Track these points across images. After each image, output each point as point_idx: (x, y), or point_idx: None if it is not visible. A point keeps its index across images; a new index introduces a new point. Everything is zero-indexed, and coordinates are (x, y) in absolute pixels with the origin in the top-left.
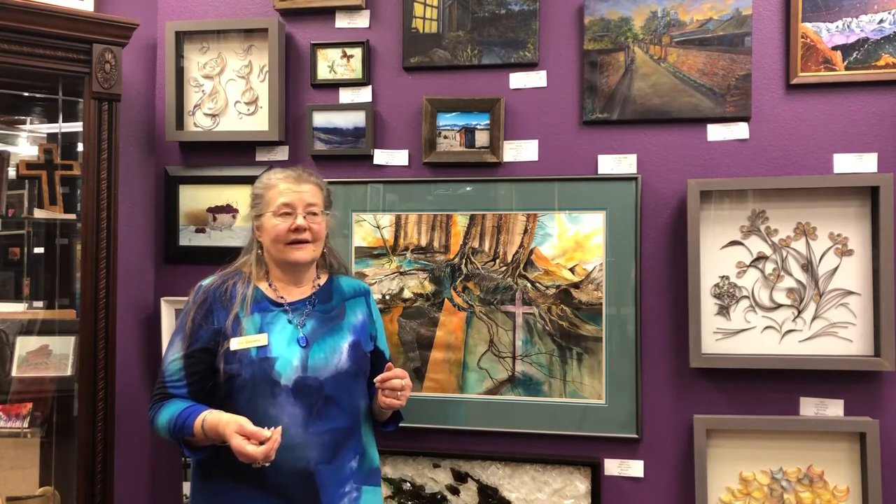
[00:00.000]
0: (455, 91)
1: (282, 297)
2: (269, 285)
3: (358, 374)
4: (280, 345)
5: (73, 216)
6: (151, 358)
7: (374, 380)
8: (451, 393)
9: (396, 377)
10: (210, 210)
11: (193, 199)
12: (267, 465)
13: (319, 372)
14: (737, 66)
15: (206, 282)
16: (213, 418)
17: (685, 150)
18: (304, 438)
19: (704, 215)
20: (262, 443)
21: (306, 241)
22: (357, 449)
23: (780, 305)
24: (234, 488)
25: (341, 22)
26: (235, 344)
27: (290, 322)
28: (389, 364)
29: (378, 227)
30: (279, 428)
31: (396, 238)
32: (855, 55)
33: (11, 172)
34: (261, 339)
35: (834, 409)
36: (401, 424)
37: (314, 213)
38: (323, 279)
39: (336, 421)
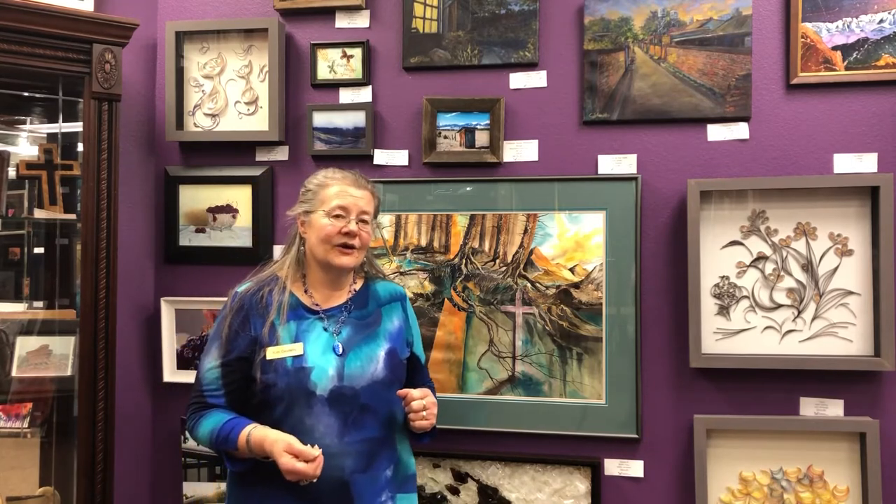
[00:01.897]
0: (455, 91)
1: (317, 305)
2: (305, 291)
3: (394, 382)
4: (315, 354)
5: (73, 216)
6: (151, 358)
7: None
8: (451, 393)
9: (414, 399)
10: (210, 210)
11: (193, 199)
12: (314, 481)
13: (355, 381)
14: (737, 66)
15: (241, 288)
16: (258, 435)
17: (685, 150)
18: (340, 448)
19: (704, 215)
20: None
21: (353, 248)
22: (392, 457)
23: (780, 305)
24: (270, 496)
25: (341, 22)
26: (271, 353)
27: (325, 330)
28: (403, 391)
29: (378, 227)
30: (320, 450)
31: (396, 238)
32: (855, 55)
33: (11, 172)
34: (296, 349)
35: (834, 409)
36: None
37: (365, 221)
38: (359, 284)
39: (371, 430)
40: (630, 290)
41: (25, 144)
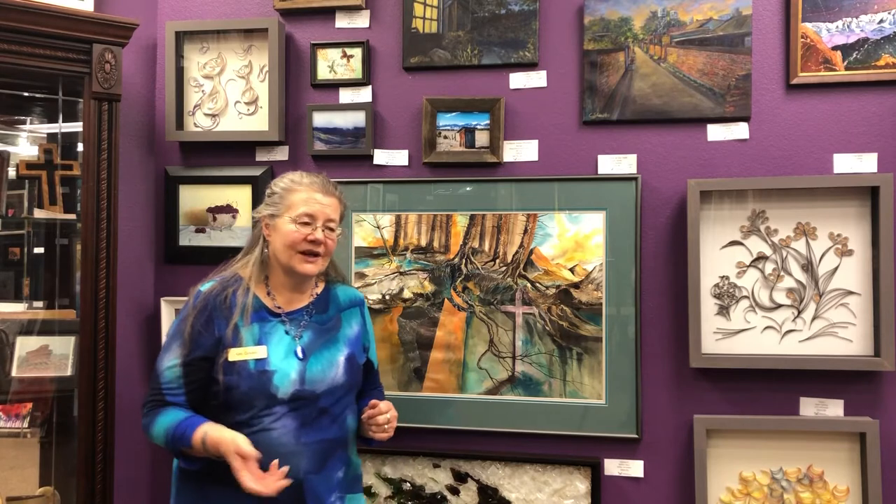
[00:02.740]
0: (455, 91)
1: (279, 307)
2: (268, 293)
3: (352, 387)
4: (278, 357)
5: (73, 216)
6: (151, 358)
7: (362, 417)
8: (451, 393)
9: (381, 413)
10: (210, 210)
11: (193, 199)
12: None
13: (316, 385)
14: (737, 66)
15: (205, 287)
16: (214, 435)
17: (685, 150)
18: (296, 448)
19: (704, 215)
20: (262, 467)
21: (317, 255)
22: (344, 459)
23: (780, 305)
24: (219, 493)
25: (341, 22)
26: (234, 355)
27: (287, 333)
28: (374, 402)
29: (378, 227)
30: (283, 469)
31: (396, 238)
32: (855, 55)
33: (11, 172)
34: (259, 352)
35: (834, 409)
36: (402, 424)
37: (331, 229)
38: (320, 287)
39: (327, 432)
40: (630, 290)
41: (25, 144)
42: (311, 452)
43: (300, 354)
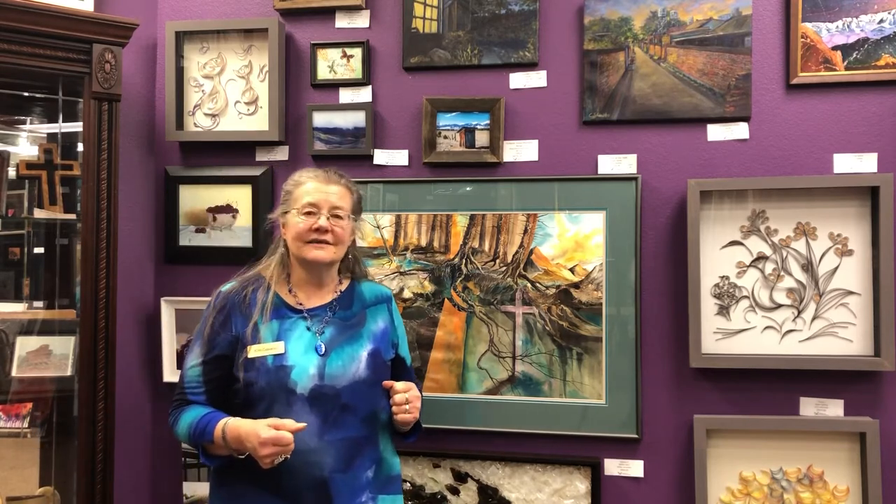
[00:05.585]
0: (455, 91)
1: (300, 304)
2: (290, 291)
3: (376, 382)
4: (297, 353)
5: (73, 216)
6: (151, 358)
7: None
8: (451, 393)
9: (398, 392)
10: (210, 210)
11: (193, 199)
12: (288, 456)
13: (336, 380)
14: (737, 66)
15: (225, 287)
16: (233, 427)
17: (685, 150)
18: (319, 446)
19: (704, 215)
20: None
21: (326, 243)
22: (373, 458)
23: (780, 305)
24: (249, 493)
25: (341, 22)
26: (252, 351)
27: (308, 329)
28: (387, 382)
29: (378, 227)
30: (300, 425)
31: (396, 238)
32: (855, 55)
33: (11, 172)
34: (277, 347)
35: (834, 409)
36: None
37: (339, 216)
38: (345, 285)
39: (352, 429)
40: (630, 290)
41: (25, 144)
42: (335, 451)
43: (321, 350)
